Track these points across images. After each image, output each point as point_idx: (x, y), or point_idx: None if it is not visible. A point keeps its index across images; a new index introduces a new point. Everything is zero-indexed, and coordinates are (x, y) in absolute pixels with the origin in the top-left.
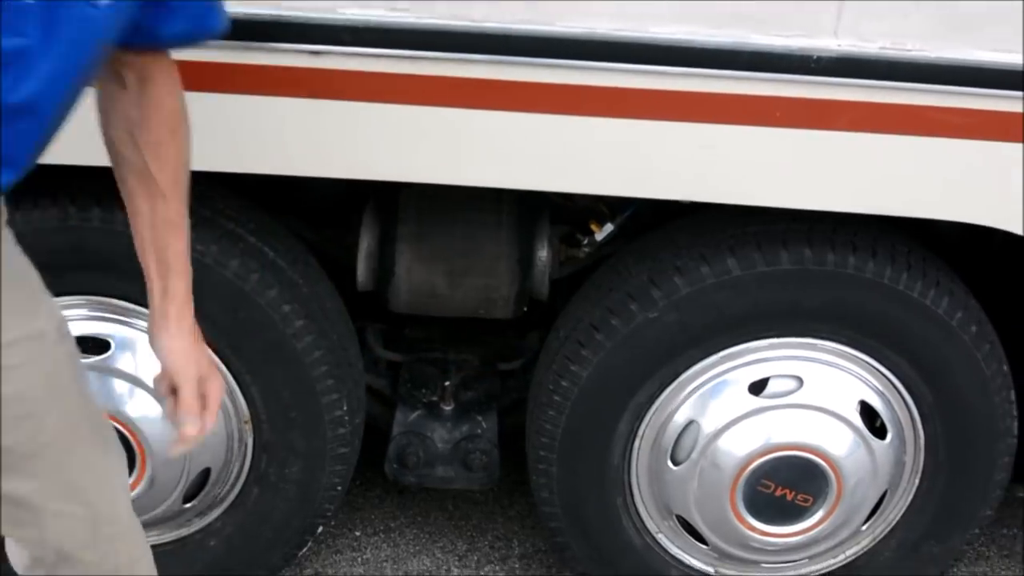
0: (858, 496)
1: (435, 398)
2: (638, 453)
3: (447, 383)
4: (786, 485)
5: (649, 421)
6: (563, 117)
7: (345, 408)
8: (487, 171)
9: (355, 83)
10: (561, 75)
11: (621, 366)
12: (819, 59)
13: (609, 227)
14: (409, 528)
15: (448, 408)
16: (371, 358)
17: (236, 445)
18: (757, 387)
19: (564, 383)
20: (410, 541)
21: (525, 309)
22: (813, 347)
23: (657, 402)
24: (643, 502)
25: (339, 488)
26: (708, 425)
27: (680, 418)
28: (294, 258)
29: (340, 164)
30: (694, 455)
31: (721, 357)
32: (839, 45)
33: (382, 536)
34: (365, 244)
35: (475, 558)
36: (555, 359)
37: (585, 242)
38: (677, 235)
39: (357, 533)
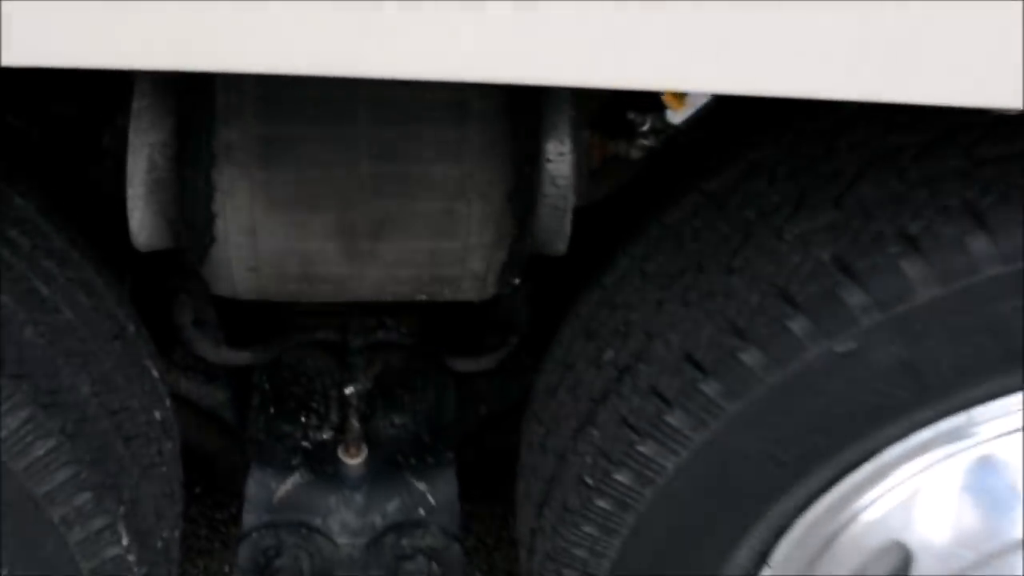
0: None
1: (325, 436)
2: None
3: (350, 394)
4: None
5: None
6: None
7: (124, 537)
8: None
9: None
10: None
11: (741, 446)
12: None
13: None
14: None
15: (355, 461)
16: (190, 359)
17: None
18: None
19: (608, 486)
20: None
21: (516, 280)
22: None
23: (815, 509)
24: None
25: None
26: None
27: (866, 540)
28: None
29: None
30: None
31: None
32: None
33: None
34: (143, 158)
35: None
36: (586, 423)
37: (646, 126)
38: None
39: None
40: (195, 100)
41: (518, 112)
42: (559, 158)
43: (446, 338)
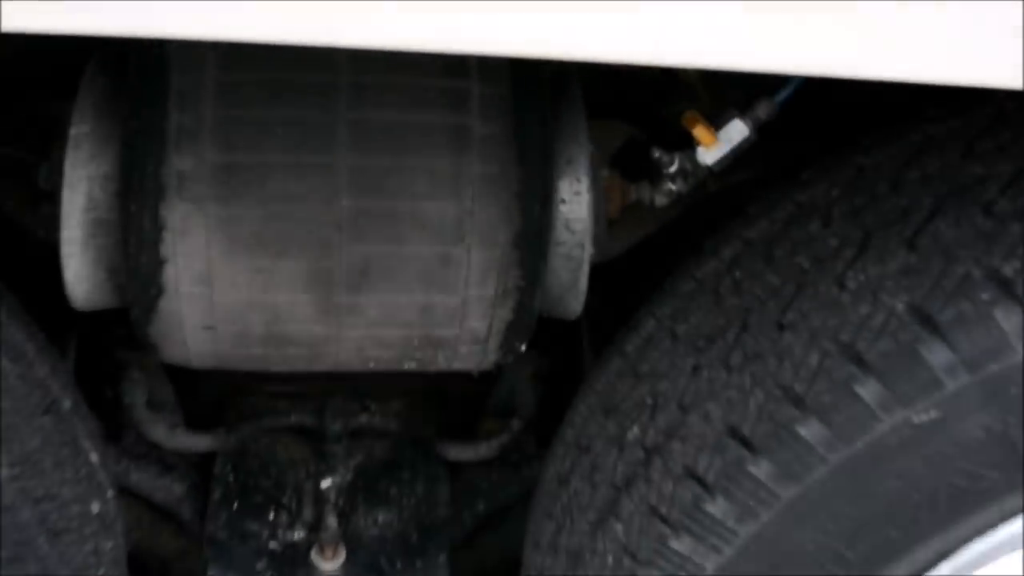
0: None
1: (296, 536)
2: None
3: (326, 488)
4: None
5: None
6: None
7: None
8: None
9: None
10: None
11: (797, 541)
12: None
13: (739, 126)
14: None
15: (331, 566)
16: (142, 446)
17: None
18: None
19: None
20: None
21: (522, 347)
22: None
23: None
24: None
25: None
26: None
27: None
28: None
29: None
30: None
31: None
32: None
33: None
34: (80, 195)
35: None
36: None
37: (673, 167)
38: None
39: None
40: (143, 123)
41: (527, 141)
42: (575, 198)
43: (438, 422)
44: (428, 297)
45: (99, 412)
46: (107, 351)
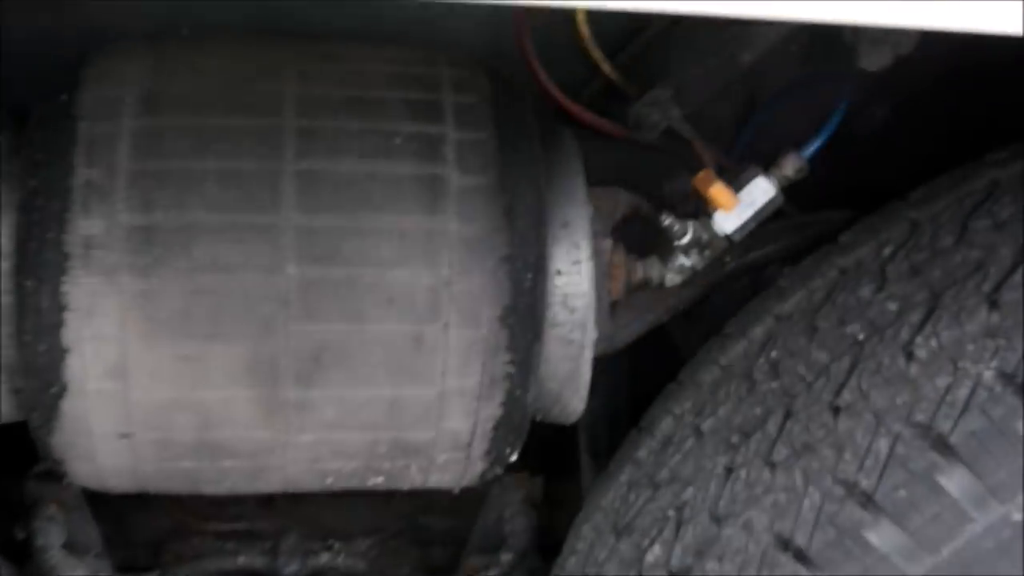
0: None
1: None
2: None
3: None
4: None
5: None
6: None
7: None
8: None
9: None
10: None
11: None
12: None
13: (763, 185)
14: None
15: None
16: None
17: None
18: None
19: None
20: None
21: (513, 456)
22: None
23: None
24: None
25: None
26: None
27: None
28: None
29: None
30: None
31: None
32: None
33: None
34: None
35: None
36: None
37: (687, 238)
38: None
39: None
40: (42, 181)
41: (516, 195)
42: (573, 269)
43: (414, 560)
44: (397, 390)
45: (7, 556)
46: (15, 481)
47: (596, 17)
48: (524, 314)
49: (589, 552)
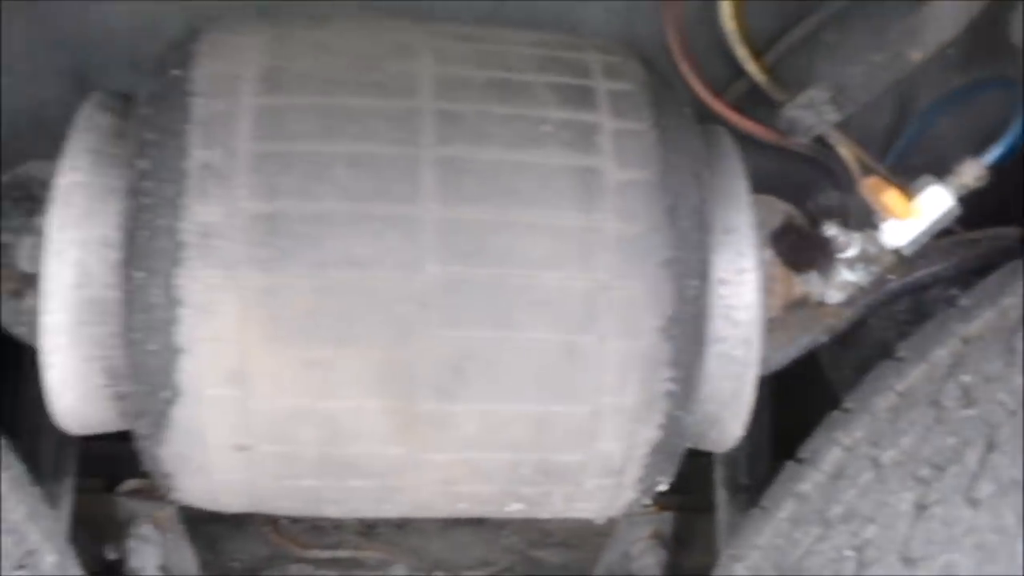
0: None
1: None
2: None
3: None
4: None
5: None
6: None
7: None
8: None
9: None
10: None
11: None
12: None
13: (939, 194)
14: None
15: None
16: None
17: None
18: None
19: None
20: None
21: (664, 485)
22: None
23: None
24: None
25: None
26: None
27: None
28: None
29: None
30: None
31: None
32: None
33: None
34: (67, 267)
35: None
36: None
37: (852, 251)
38: None
39: None
40: (155, 163)
41: (679, 192)
42: (737, 279)
43: None
44: (546, 405)
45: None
46: (110, 499)
47: (742, 13)
48: (687, 325)
49: None
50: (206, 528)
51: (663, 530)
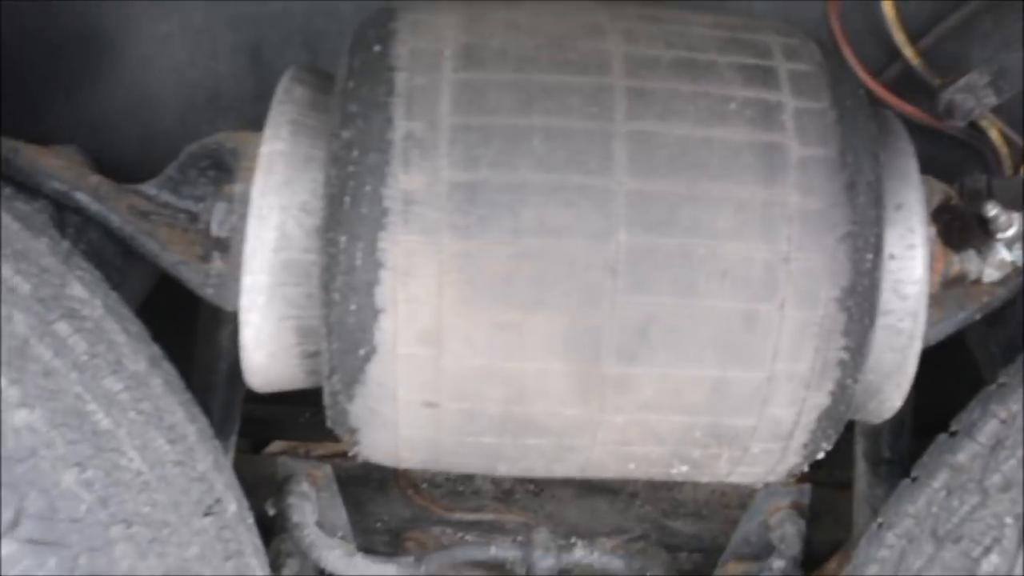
0: None
1: None
2: None
3: None
4: None
5: None
6: None
7: None
8: None
9: None
10: None
11: None
12: None
13: None
14: None
15: None
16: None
17: None
18: None
19: None
20: None
21: (828, 446)
22: None
23: None
24: None
25: None
26: None
27: None
28: None
29: None
30: None
31: None
32: None
33: None
34: (269, 230)
35: None
36: None
37: (1012, 230)
38: None
39: None
40: (360, 133)
41: (858, 169)
42: (907, 254)
43: (662, 562)
44: (723, 371)
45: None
46: (264, 458)
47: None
48: (862, 297)
49: (899, 560)
50: (352, 490)
51: (801, 502)
